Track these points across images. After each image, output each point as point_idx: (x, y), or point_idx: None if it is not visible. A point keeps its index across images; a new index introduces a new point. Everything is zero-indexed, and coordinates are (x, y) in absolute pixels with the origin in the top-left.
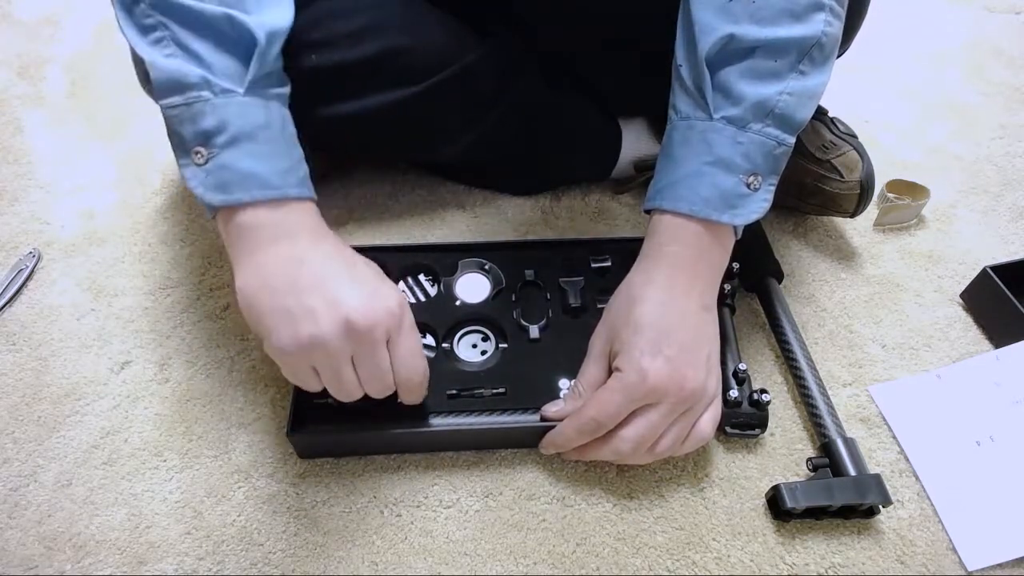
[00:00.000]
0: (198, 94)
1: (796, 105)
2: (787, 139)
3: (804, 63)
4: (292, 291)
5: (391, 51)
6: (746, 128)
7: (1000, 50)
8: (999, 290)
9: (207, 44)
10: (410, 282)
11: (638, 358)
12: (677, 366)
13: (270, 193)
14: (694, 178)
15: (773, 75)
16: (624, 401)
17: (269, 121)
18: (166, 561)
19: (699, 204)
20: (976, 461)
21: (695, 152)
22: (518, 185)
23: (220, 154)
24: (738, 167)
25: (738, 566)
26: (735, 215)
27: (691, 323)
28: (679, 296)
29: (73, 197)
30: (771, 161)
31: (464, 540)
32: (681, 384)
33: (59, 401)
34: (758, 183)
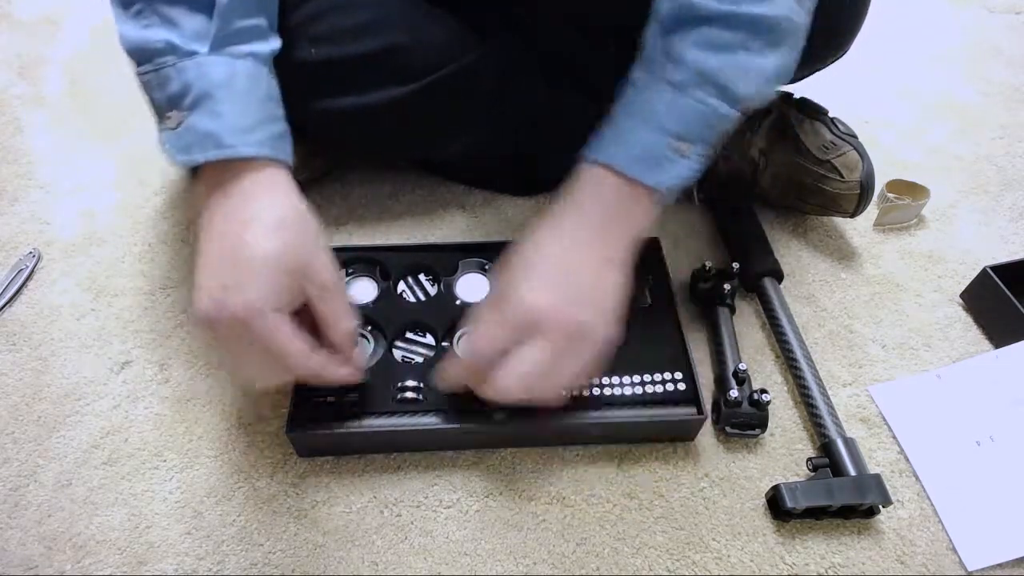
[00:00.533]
0: (163, 59)
1: (740, 78)
2: (725, 110)
3: (758, 42)
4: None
5: (391, 48)
6: (685, 92)
7: (1000, 50)
8: (999, 290)
9: (180, 8)
10: (410, 282)
11: (523, 290)
12: (563, 298)
13: (224, 152)
14: (623, 134)
15: (724, 47)
16: (502, 329)
17: (231, 79)
18: (166, 561)
19: (620, 158)
20: (976, 461)
21: (631, 111)
22: (518, 185)
23: (187, 117)
24: (668, 130)
25: (738, 566)
26: (652, 176)
27: (588, 270)
28: (581, 247)
29: (73, 197)
30: (705, 130)
31: (464, 540)
32: (566, 315)
33: (59, 401)
34: (688, 150)
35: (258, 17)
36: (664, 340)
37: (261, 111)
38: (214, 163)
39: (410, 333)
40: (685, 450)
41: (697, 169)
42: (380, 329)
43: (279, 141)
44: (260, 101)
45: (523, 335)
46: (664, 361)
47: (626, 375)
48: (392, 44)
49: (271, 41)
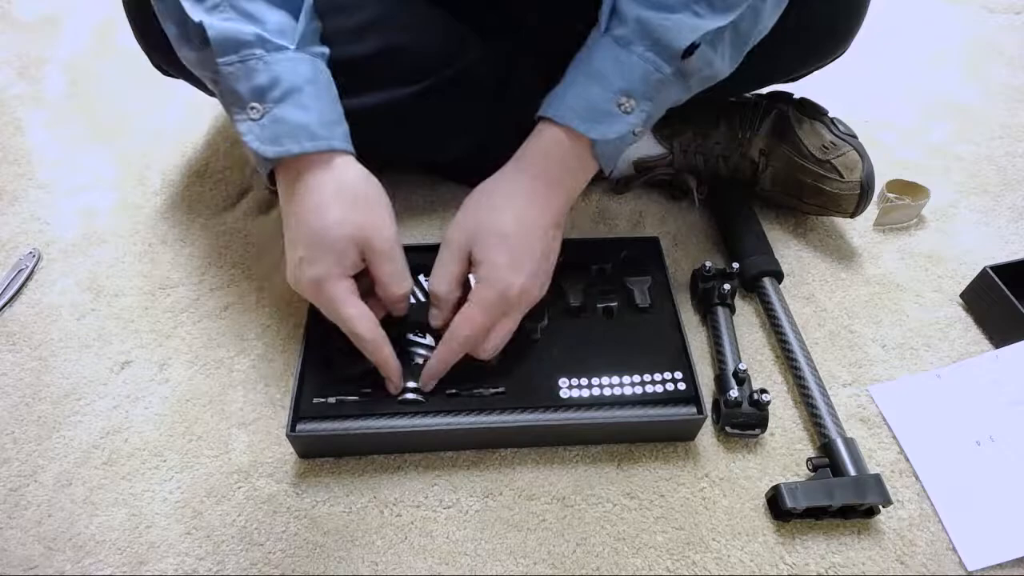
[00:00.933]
0: (251, 51)
1: (676, 32)
2: (664, 67)
3: (700, 5)
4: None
5: (391, 49)
6: (628, 47)
7: (1000, 50)
8: (999, 290)
9: (260, 3)
10: None
11: (504, 274)
12: (532, 280)
13: (318, 144)
14: (568, 87)
15: (668, 6)
16: (490, 317)
17: (317, 76)
18: (166, 561)
19: (564, 110)
20: (976, 461)
21: (578, 68)
22: None
23: (274, 109)
24: (611, 84)
25: (738, 566)
26: (593, 128)
27: (541, 238)
28: (536, 211)
29: (73, 197)
30: (647, 86)
31: (464, 540)
32: (531, 295)
33: (59, 401)
34: (630, 106)
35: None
36: (664, 340)
37: (338, 108)
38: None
39: (410, 334)
40: (685, 450)
41: (636, 126)
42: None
43: (350, 136)
44: (335, 99)
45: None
46: (664, 361)
47: (626, 375)
48: (392, 45)
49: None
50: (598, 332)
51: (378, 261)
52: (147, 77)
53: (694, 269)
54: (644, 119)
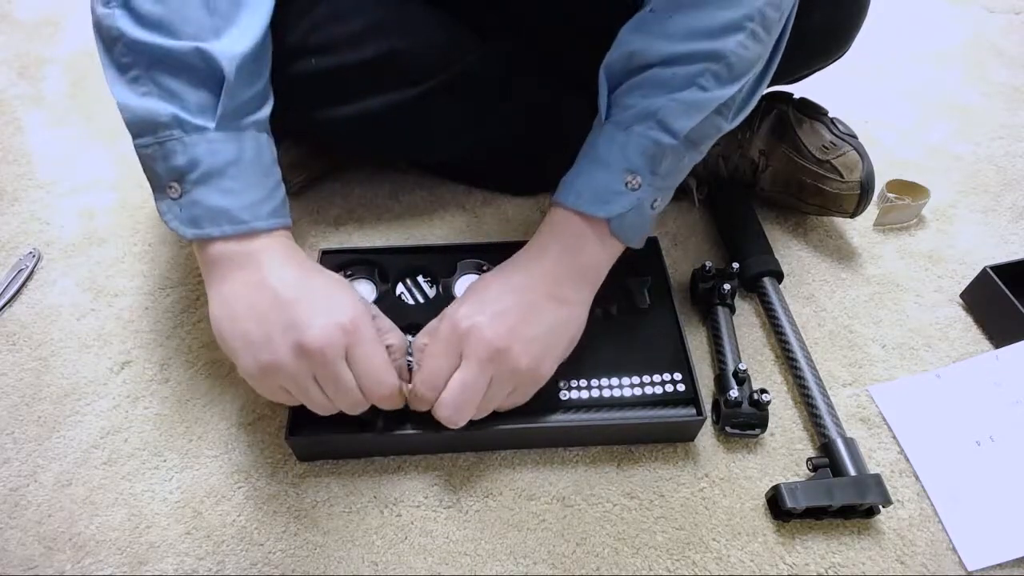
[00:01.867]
0: (169, 133)
1: (680, 112)
2: (665, 140)
3: (706, 78)
4: (252, 318)
5: (391, 53)
6: (628, 129)
7: (1000, 50)
8: (999, 290)
9: (181, 81)
10: (408, 284)
11: (458, 316)
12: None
13: (239, 228)
14: (576, 176)
15: (668, 85)
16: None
17: (240, 155)
18: (166, 561)
19: (572, 197)
20: (976, 461)
21: (583, 153)
22: (518, 185)
23: (192, 191)
24: (615, 165)
25: (738, 566)
26: (603, 208)
27: (526, 302)
28: (529, 282)
29: (73, 197)
30: (648, 161)
31: (464, 540)
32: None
33: (59, 401)
34: (636, 182)
35: (260, 80)
36: (663, 341)
37: (267, 182)
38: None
39: (409, 336)
40: (685, 450)
41: (647, 200)
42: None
43: (283, 207)
44: (265, 171)
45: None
46: (663, 362)
47: (626, 376)
48: (391, 49)
49: (269, 101)
50: (597, 333)
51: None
52: None
53: (694, 269)
54: (652, 192)
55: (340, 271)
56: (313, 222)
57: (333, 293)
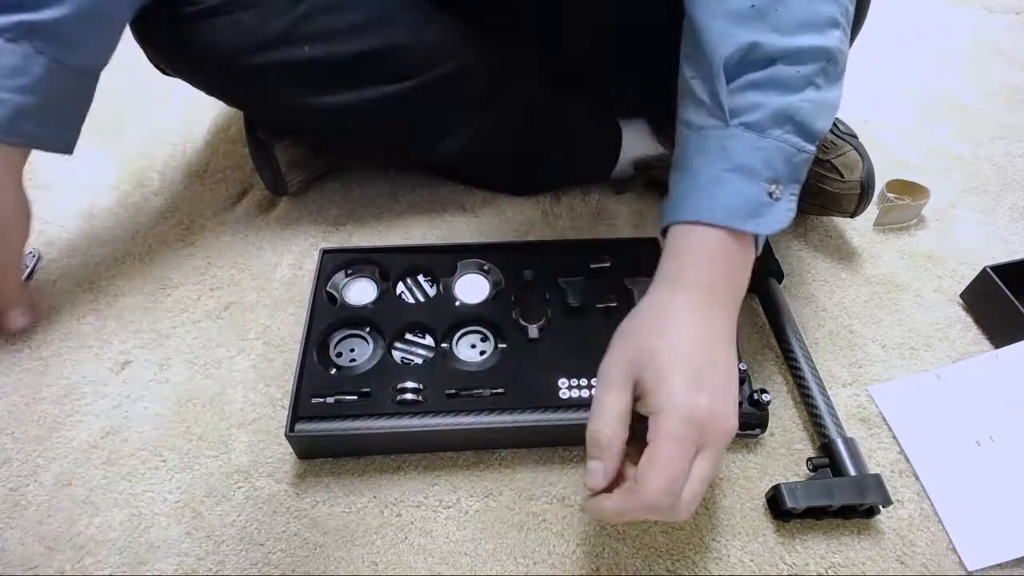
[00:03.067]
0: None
1: (816, 113)
2: (807, 146)
3: (820, 77)
4: None
5: (387, 46)
6: (765, 134)
7: (1000, 50)
8: (999, 290)
9: None
10: (408, 283)
11: (682, 394)
12: (719, 404)
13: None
14: (714, 186)
15: (792, 84)
16: (681, 453)
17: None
18: (166, 561)
19: (721, 212)
20: (976, 461)
21: (712, 160)
22: (518, 185)
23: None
24: (759, 174)
25: (738, 566)
26: (759, 224)
27: (723, 355)
28: (707, 324)
29: (73, 197)
30: (791, 168)
31: (464, 540)
32: (724, 426)
33: (59, 401)
34: (780, 192)
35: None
36: None
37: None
38: None
39: (409, 334)
40: None
41: (793, 209)
42: (379, 330)
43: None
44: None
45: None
46: None
47: None
48: (388, 42)
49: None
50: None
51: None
52: (147, 77)
53: None
54: (793, 201)
55: (341, 271)
56: (313, 222)
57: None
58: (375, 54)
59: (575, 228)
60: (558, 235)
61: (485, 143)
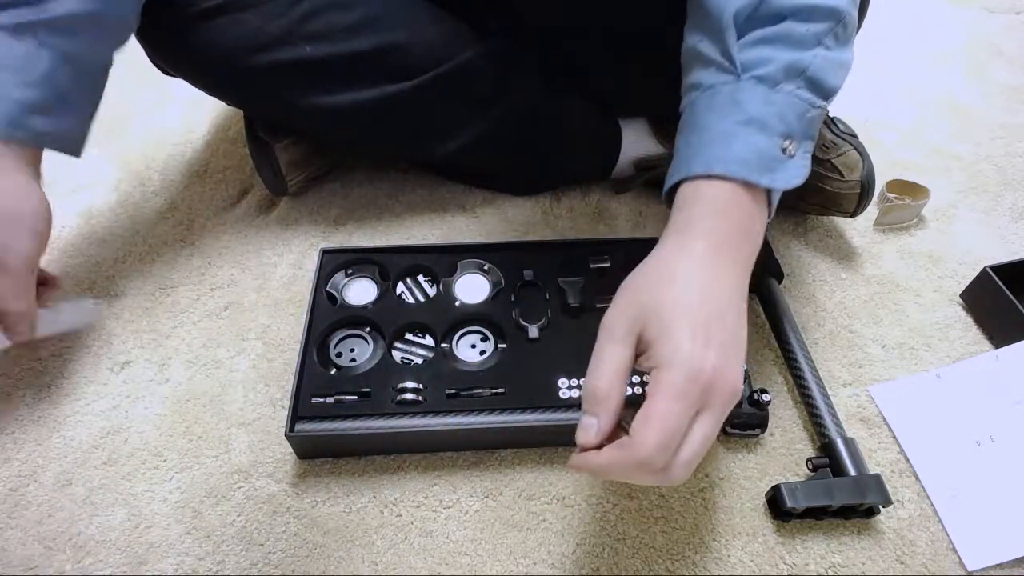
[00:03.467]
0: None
1: (827, 69)
2: (819, 102)
3: (829, 37)
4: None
5: (388, 46)
6: (777, 88)
7: (1000, 50)
8: (999, 290)
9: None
10: (408, 283)
11: (689, 349)
12: (727, 361)
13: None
14: (727, 138)
15: (803, 41)
16: (681, 410)
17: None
18: (166, 561)
19: (735, 164)
20: (976, 461)
21: (725, 113)
22: (518, 185)
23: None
24: (773, 128)
25: (738, 566)
26: (774, 178)
27: (734, 309)
28: (719, 277)
29: (73, 197)
30: (805, 124)
31: (464, 540)
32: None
33: (59, 401)
34: (793, 148)
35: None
36: None
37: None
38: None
39: (409, 334)
40: None
41: (807, 167)
42: (379, 330)
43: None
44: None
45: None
46: None
47: None
48: (389, 42)
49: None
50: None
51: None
52: (147, 77)
53: None
54: (806, 159)
55: (341, 271)
56: (313, 222)
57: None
58: (376, 53)
59: (575, 228)
60: (558, 235)
61: (486, 143)
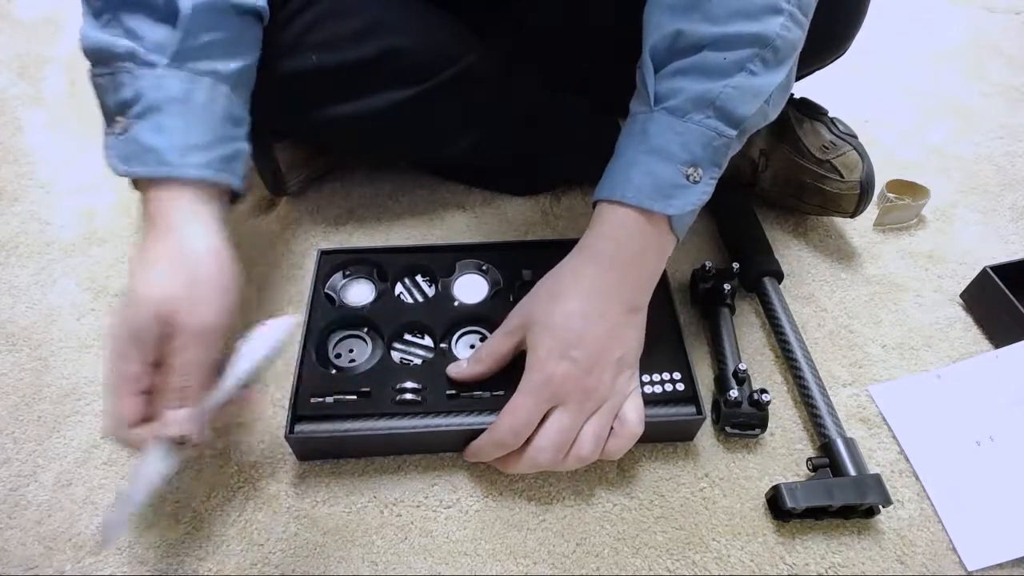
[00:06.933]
0: (122, 65)
1: (739, 99)
2: (727, 131)
3: (755, 63)
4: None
5: (392, 51)
6: (685, 118)
7: (1000, 50)
8: (999, 290)
9: (141, 18)
10: (407, 283)
11: (544, 359)
12: (583, 367)
13: (162, 171)
14: (630, 167)
15: (720, 71)
16: (532, 405)
17: (187, 96)
18: (166, 561)
19: (631, 191)
20: (976, 461)
21: (633, 143)
22: (518, 185)
23: (132, 126)
24: (675, 156)
25: (738, 566)
26: (668, 204)
27: (608, 326)
28: (602, 300)
29: (73, 197)
30: (711, 152)
31: (464, 540)
32: (583, 383)
33: (59, 401)
34: (698, 175)
35: (225, 31)
36: (663, 340)
37: (212, 131)
38: (150, 177)
39: (408, 335)
40: (685, 450)
41: (708, 192)
42: (378, 331)
43: (228, 163)
44: (214, 120)
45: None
46: (663, 361)
47: None
48: (392, 47)
49: (238, 58)
50: None
51: (178, 344)
52: None
53: (694, 269)
54: (711, 184)
55: (339, 271)
56: (313, 222)
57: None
58: (380, 59)
59: (575, 228)
60: (558, 235)
61: (487, 145)
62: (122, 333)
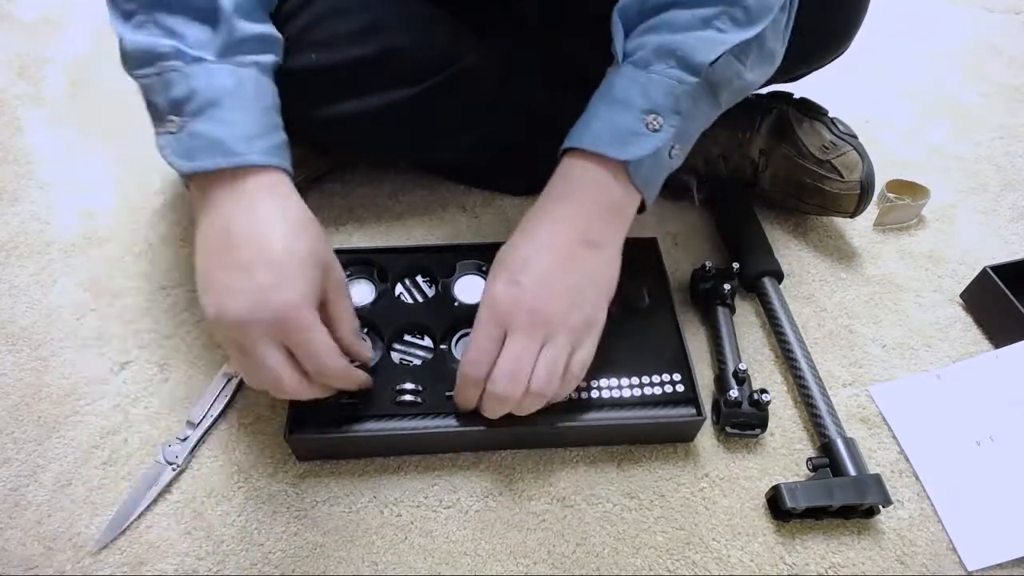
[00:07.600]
0: (169, 63)
1: (699, 48)
2: (688, 79)
3: (722, 20)
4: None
5: (391, 51)
6: (647, 68)
7: (1000, 50)
8: (999, 290)
9: (180, 17)
10: (407, 284)
11: (491, 286)
12: (529, 290)
13: (232, 160)
14: (591, 118)
15: (685, 25)
16: (483, 333)
17: (239, 88)
18: (166, 561)
19: (588, 138)
20: (976, 461)
21: (598, 96)
22: (518, 185)
23: (189, 122)
24: (635, 104)
25: (738, 566)
26: (624, 150)
27: (557, 254)
28: (551, 230)
29: (73, 197)
30: (672, 100)
31: (464, 540)
32: (531, 307)
33: (59, 401)
34: (658, 123)
35: (260, 24)
36: (663, 341)
37: (266, 120)
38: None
39: (408, 335)
40: (685, 450)
41: (671, 144)
42: (378, 331)
43: (282, 150)
44: (265, 110)
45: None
46: (663, 362)
47: (625, 376)
48: (392, 47)
49: (270, 52)
50: None
51: (335, 295)
52: None
53: (694, 269)
54: (673, 135)
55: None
56: None
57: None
58: (380, 58)
59: None
60: None
61: (487, 145)
62: (304, 285)
